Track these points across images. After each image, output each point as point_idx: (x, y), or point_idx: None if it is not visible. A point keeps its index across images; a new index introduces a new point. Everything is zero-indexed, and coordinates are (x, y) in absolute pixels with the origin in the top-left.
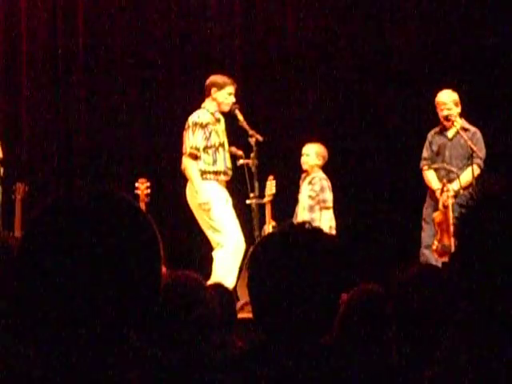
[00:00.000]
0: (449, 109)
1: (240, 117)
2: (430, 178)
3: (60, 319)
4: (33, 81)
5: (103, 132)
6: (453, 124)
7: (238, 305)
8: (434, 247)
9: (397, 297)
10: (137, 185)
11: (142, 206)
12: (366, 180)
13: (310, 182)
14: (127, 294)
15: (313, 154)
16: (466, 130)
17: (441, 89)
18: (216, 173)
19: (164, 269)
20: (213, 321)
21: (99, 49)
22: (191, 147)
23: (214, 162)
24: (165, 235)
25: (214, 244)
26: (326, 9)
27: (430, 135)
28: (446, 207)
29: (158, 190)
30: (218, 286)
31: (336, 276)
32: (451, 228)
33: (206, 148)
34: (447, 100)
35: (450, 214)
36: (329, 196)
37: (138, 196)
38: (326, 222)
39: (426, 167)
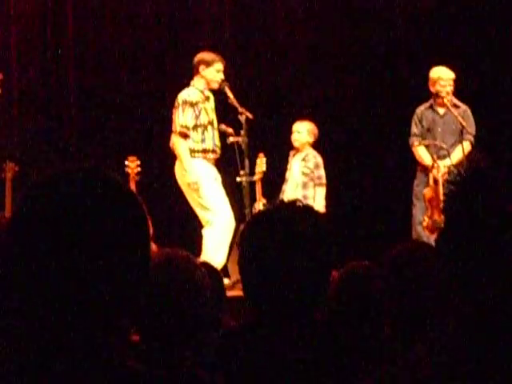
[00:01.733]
0: (451, 85)
1: (230, 94)
2: (422, 154)
3: (49, 300)
4: (25, 59)
5: (93, 110)
6: (444, 101)
7: (229, 282)
8: (425, 223)
9: (389, 273)
10: (127, 163)
11: (132, 183)
12: (355, 158)
13: (303, 159)
14: (116, 273)
15: (304, 132)
16: (457, 106)
17: (429, 65)
18: (204, 151)
19: (154, 246)
20: (204, 298)
21: (88, 24)
22: (181, 126)
23: (203, 140)
24: (155, 213)
25: (203, 222)
26: None
27: (419, 111)
28: (436, 183)
29: (148, 167)
30: (205, 265)
31: (326, 253)
32: (441, 204)
33: (195, 126)
34: (450, 76)
35: (441, 191)
36: (323, 173)
37: (128, 174)
38: (321, 198)
39: (416, 143)
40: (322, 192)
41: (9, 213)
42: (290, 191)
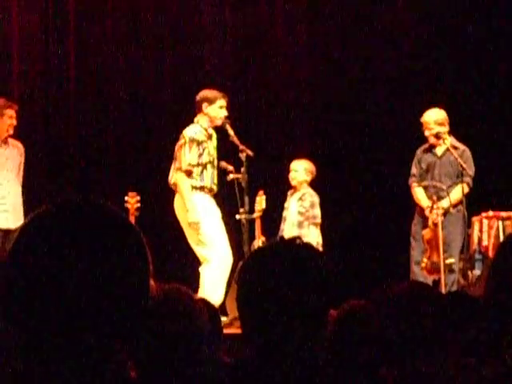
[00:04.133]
0: (430, 129)
1: (230, 131)
2: (419, 195)
3: (46, 331)
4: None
5: (93, 145)
6: (443, 141)
7: (227, 320)
8: (424, 264)
9: (387, 312)
10: (126, 198)
11: (132, 219)
12: (353, 196)
13: (300, 198)
14: (115, 307)
15: (301, 170)
16: (455, 148)
17: (430, 103)
18: (201, 188)
19: (152, 282)
20: (202, 335)
21: (90, 60)
22: (188, 164)
23: (201, 178)
24: (154, 249)
25: (201, 259)
26: (316, 23)
27: (419, 152)
28: (435, 225)
29: (148, 204)
30: (203, 301)
31: (325, 292)
32: (440, 245)
33: (197, 164)
34: (430, 119)
35: (440, 232)
36: (318, 212)
37: (127, 210)
38: (314, 238)
39: (415, 184)
40: (315, 231)
41: None
42: (287, 230)
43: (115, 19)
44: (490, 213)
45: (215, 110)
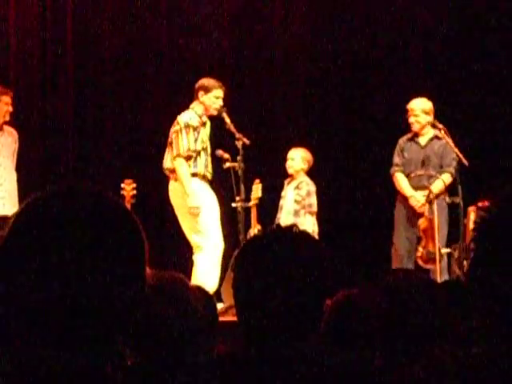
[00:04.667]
0: (416, 115)
1: (227, 120)
2: (403, 183)
3: (41, 318)
4: (23, 81)
5: (90, 133)
6: (440, 131)
7: (223, 308)
8: (419, 254)
9: (382, 301)
10: (123, 185)
11: (128, 206)
12: (349, 185)
13: (296, 187)
14: (112, 294)
15: (298, 159)
16: (439, 138)
17: (420, 94)
18: (195, 174)
19: (148, 269)
20: (197, 322)
21: (88, 49)
22: (188, 149)
23: (195, 165)
24: (149, 236)
25: (194, 246)
26: (312, 16)
27: (401, 141)
28: (431, 213)
29: (144, 191)
30: (199, 289)
31: (321, 280)
32: (436, 235)
33: (194, 150)
34: (412, 106)
35: (436, 221)
36: (314, 201)
37: (123, 197)
38: (310, 226)
39: (398, 173)
40: (311, 220)
41: None
42: (284, 218)
43: (112, 15)
44: (486, 203)
45: (210, 99)
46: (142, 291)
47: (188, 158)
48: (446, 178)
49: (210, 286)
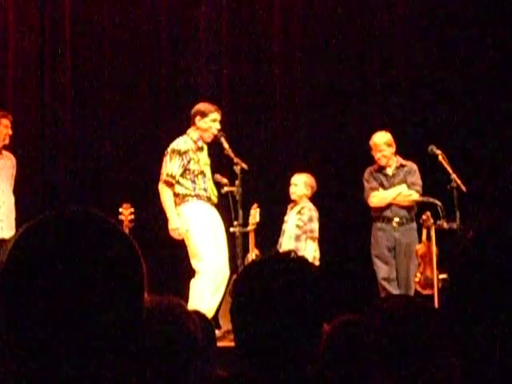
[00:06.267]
0: (381, 150)
1: (225, 145)
2: (384, 193)
3: (40, 342)
4: (20, 99)
5: (88, 157)
6: (387, 163)
7: (220, 333)
8: (417, 279)
9: (380, 326)
10: (121, 210)
11: (126, 231)
12: (351, 210)
13: (298, 212)
14: (109, 320)
15: (301, 184)
16: (403, 166)
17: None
18: (197, 196)
19: (146, 295)
20: (195, 347)
21: (86, 74)
22: (167, 174)
23: (194, 187)
24: (147, 261)
25: (195, 271)
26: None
27: (368, 171)
28: (429, 239)
29: (142, 216)
30: (197, 313)
31: (319, 306)
32: (434, 261)
33: (183, 174)
34: (380, 142)
35: (434, 247)
36: (316, 227)
37: (121, 221)
38: (311, 252)
39: (375, 192)
40: (312, 245)
41: None
42: (285, 243)
43: (110, 20)
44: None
45: (207, 122)
46: (141, 316)
47: (169, 184)
48: (414, 196)
49: (204, 311)
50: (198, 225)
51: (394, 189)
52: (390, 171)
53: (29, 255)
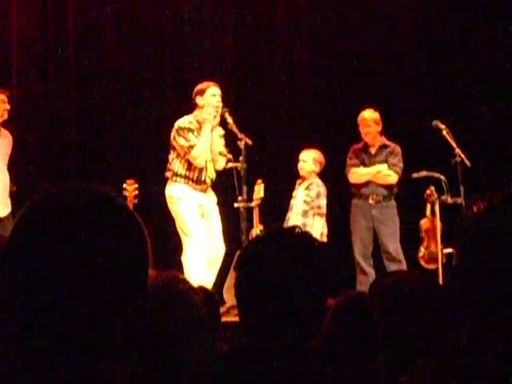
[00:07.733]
0: (368, 126)
1: (230, 120)
2: (364, 169)
3: (45, 317)
4: (24, 78)
5: (92, 133)
6: (372, 141)
7: (224, 308)
8: (421, 254)
9: (384, 301)
10: (125, 186)
11: (130, 207)
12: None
13: (306, 188)
14: (115, 295)
15: (310, 160)
16: (386, 146)
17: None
18: (186, 177)
19: (150, 270)
20: (200, 322)
21: (90, 53)
22: (188, 147)
23: (188, 168)
24: (151, 237)
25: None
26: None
27: (352, 149)
28: (433, 214)
29: (146, 191)
30: (202, 289)
31: (323, 281)
32: (438, 235)
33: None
34: (370, 118)
35: (438, 222)
36: (323, 203)
37: (125, 197)
38: (318, 228)
39: (354, 168)
40: (320, 221)
41: None
42: (293, 219)
43: (114, 17)
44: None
45: (206, 98)
46: (145, 291)
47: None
48: (394, 177)
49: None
50: (184, 204)
51: (374, 167)
52: (372, 150)
53: (33, 231)
